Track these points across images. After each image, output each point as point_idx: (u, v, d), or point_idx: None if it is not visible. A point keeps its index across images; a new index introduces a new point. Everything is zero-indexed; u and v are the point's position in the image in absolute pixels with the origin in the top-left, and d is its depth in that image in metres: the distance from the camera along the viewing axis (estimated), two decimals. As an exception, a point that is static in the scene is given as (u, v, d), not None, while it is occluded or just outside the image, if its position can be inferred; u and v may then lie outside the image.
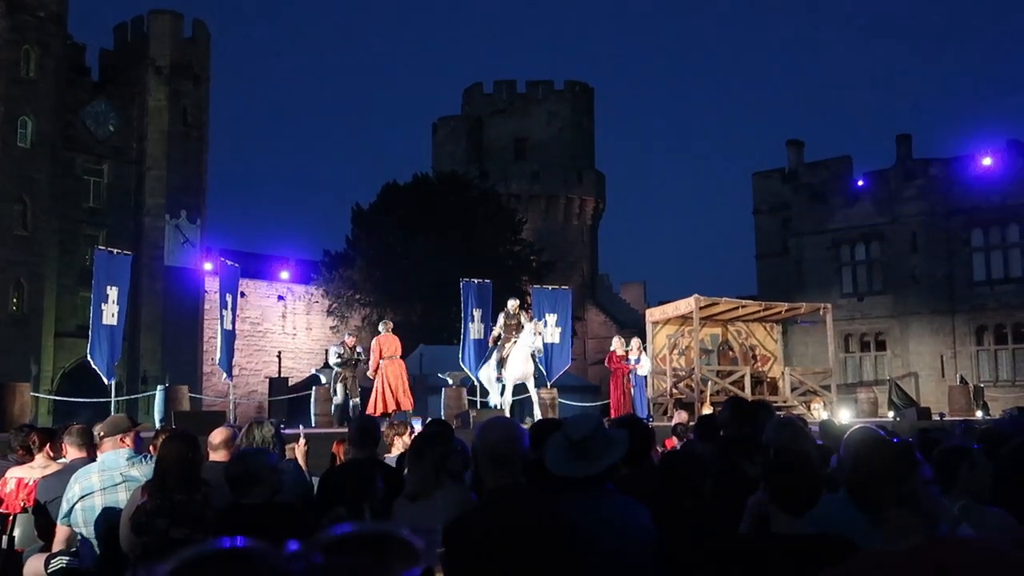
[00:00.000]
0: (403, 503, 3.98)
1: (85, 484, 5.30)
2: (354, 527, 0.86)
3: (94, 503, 5.24)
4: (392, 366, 16.61)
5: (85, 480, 5.32)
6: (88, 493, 5.26)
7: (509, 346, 17.56)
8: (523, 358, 17.31)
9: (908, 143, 39.00)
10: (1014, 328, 35.66)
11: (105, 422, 5.95)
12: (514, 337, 17.61)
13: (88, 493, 5.26)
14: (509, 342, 17.60)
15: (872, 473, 2.34)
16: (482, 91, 55.87)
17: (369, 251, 40.37)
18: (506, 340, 17.66)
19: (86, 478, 5.34)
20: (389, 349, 16.79)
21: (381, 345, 16.82)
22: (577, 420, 3.85)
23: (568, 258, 48.85)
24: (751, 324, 23.86)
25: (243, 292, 37.16)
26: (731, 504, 3.58)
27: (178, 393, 16.90)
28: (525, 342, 17.17)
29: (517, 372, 17.55)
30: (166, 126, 38.35)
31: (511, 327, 17.79)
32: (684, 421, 11.68)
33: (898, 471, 2.33)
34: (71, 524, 5.28)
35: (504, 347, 17.63)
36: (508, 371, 17.49)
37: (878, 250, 38.60)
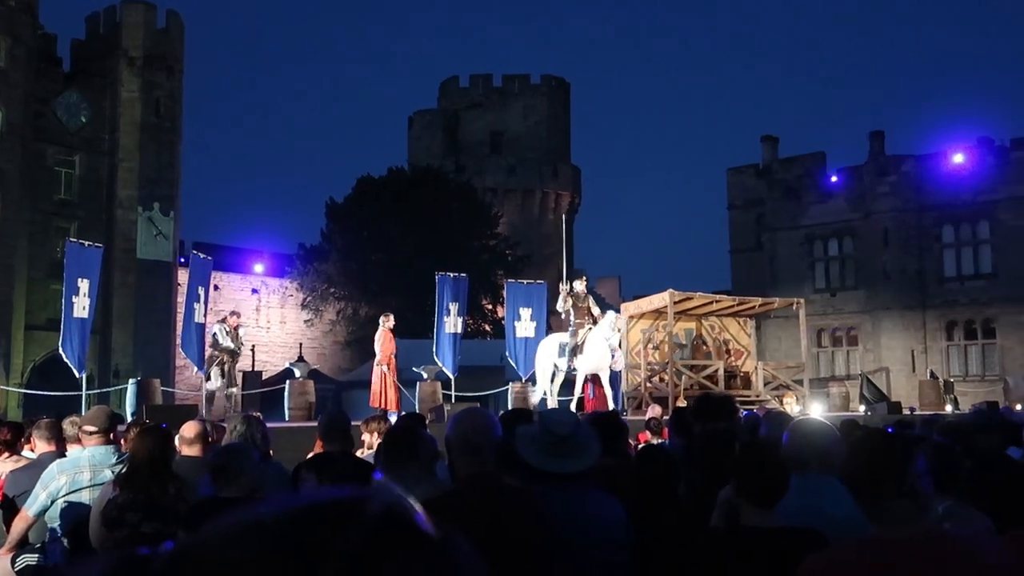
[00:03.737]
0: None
1: (75, 479, 5.19)
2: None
3: (81, 498, 5.16)
4: (394, 362, 16.66)
5: (76, 474, 5.21)
6: (77, 488, 5.18)
7: (584, 332, 16.98)
8: (603, 349, 16.74)
9: (881, 140, 39.33)
10: (984, 324, 36.08)
11: (90, 415, 5.83)
12: (587, 323, 16.99)
13: (77, 488, 5.18)
14: (583, 328, 17.04)
15: (876, 464, 2.38)
16: (458, 85, 55.77)
17: (344, 245, 40.25)
18: (579, 325, 17.02)
19: (76, 472, 5.22)
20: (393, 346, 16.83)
21: (392, 340, 16.78)
22: (557, 415, 3.84)
23: (544, 252, 48.91)
24: (725, 319, 23.98)
25: (216, 285, 36.94)
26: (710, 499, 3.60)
27: (150, 387, 16.75)
28: (604, 334, 16.63)
29: (593, 362, 17.01)
30: (139, 117, 37.95)
31: (582, 310, 17.13)
32: (658, 415, 11.72)
33: (900, 463, 2.38)
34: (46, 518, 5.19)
35: (578, 333, 17.06)
36: (584, 360, 16.95)
37: (851, 246, 38.93)
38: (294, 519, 0.76)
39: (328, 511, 0.77)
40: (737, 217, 44.39)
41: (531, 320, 19.53)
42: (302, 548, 0.73)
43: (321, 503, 0.78)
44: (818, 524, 3.10)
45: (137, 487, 4.36)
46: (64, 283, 15.70)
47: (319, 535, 0.74)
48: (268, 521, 0.76)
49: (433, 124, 54.65)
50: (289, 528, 0.75)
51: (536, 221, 51.87)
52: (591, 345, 16.68)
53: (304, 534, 0.74)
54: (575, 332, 16.92)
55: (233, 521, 0.76)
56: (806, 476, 3.40)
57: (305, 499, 0.79)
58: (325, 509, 0.77)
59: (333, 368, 40.46)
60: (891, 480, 2.34)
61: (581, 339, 16.82)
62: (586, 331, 16.82)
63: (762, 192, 41.68)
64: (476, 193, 44.41)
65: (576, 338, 16.87)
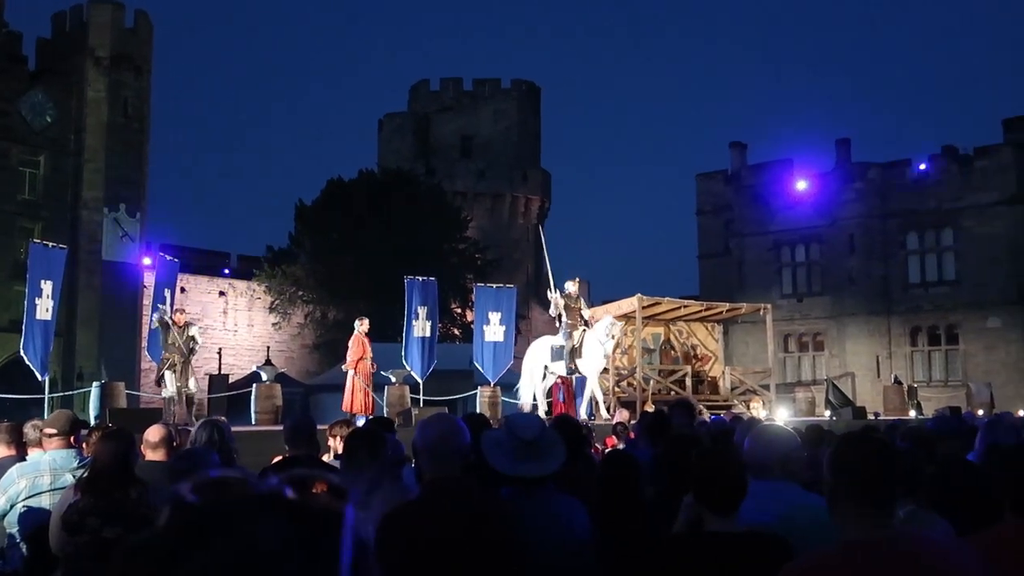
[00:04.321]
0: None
1: (35, 483, 5.13)
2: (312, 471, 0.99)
3: (42, 503, 5.09)
4: (366, 365, 16.57)
5: (36, 478, 5.15)
6: (37, 492, 5.11)
7: (579, 335, 16.88)
8: (599, 351, 16.72)
9: (847, 147, 39.74)
10: (947, 330, 36.53)
11: (52, 418, 5.77)
12: (580, 324, 16.98)
13: (37, 492, 5.11)
14: (577, 330, 16.91)
15: (859, 471, 2.41)
16: (428, 88, 55.70)
17: (313, 247, 40.06)
18: (572, 327, 16.90)
19: (36, 476, 5.16)
20: (369, 349, 16.74)
21: (364, 344, 16.69)
22: (524, 419, 3.84)
23: (513, 256, 48.93)
24: (692, 324, 24.14)
25: (183, 287, 36.56)
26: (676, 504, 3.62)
27: (114, 390, 16.56)
28: (599, 338, 16.63)
29: (594, 364, 16.91)
30: (105, 117, 37.55)
31: (574, 311, 17.10)
32: (625, 420, 11.77)
33: (884, 470, 2.41)
34: (5, 523, 5.13)
35: (573, 335, 16.97)
36: (585, 362, 16.86)
37: (817, 252, 39.27)
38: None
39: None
40: (705, 222, 44.66)
41: (500, 324, 19.51)
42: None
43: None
44: (779, 529, 3.13)
45: (98, 491, 4.30)
46: (27, 284, 15.49)
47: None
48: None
49: (403, 127, 54.53)
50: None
51: (506, 225, 51.92)
52: (589, 347, 16.68)
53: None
54: (570, 334, 16.86)
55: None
56: (767, 482, 3.43)
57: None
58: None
59: (301, 371, 40.23)
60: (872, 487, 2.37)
61: (578, 341, 16.79)
62: (581, 333, 16.79)
63: (730, 198, 41.97)
64: (446, 197, 44.38)
65: (572, 340, 16.83)
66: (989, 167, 35.78)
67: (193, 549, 0.83)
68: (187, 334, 14.70)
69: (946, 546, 2.46)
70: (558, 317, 17.31)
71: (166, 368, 14.55)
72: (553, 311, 17.45)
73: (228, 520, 0.85)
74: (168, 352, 14.59)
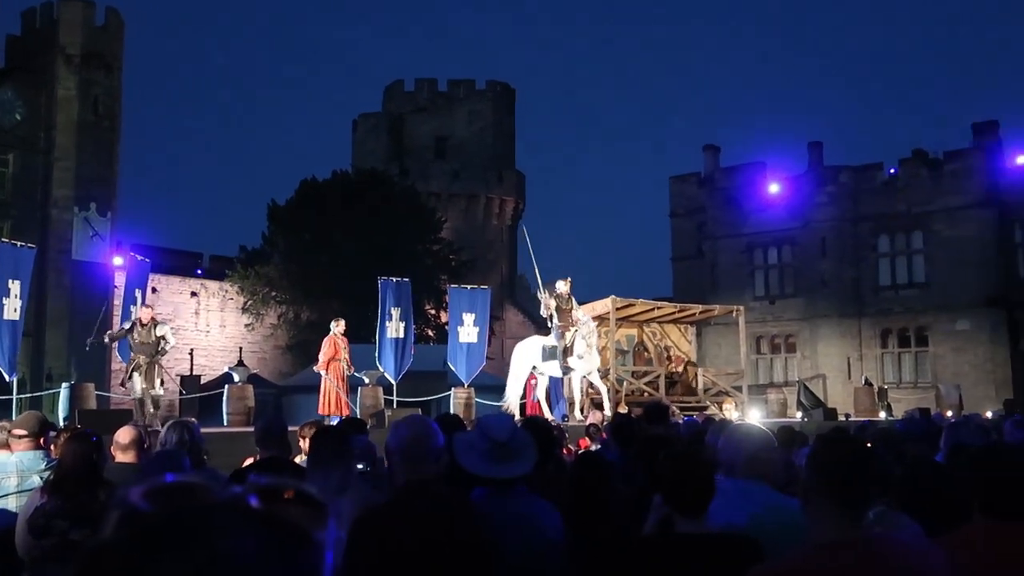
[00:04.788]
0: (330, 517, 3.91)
1: (1, 484, 5.08)
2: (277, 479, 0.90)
3: (8, 505, 5.03)
4: (339, 366, 16.45)
5: (2, 480, 5.10)
6: (3, 495, 5.05)
7: (571, 335, 16.82)
8: (587, 351, 16.68)
9: (819, 150, 40.02)
10: (917, 332, 36.89)
11: (20, 420, 5.71)
12: (572, 324, 16.99)
13: (3, 495, 5.05)
14: (569, 330, 16.83)
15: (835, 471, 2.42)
16: (403, 89, 55.57)
17: (286, 248, 39.86)
18: (564, 327, 16.81)
19: (3, 478, 5.11)
20: (344, 351, 16.60)
21: (337, 345, 16.56)
22: (496, 421, 3.84)
23: (487, 258, 48.91)
24: (666, 325, 24.24)
25: (154, 288, 36.29)
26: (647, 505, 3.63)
27: (84, 391, 16.38)
28: (585, 336, 16.62)
29: (584, 365, 16.87)
30: (76, 116, 37.18)
31: (566, 312, 17.05)
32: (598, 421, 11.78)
33: (862, 472, 2.42)
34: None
35: (565, 336, 16.87)
36: (575, 363, 16.86)
37: (789, 254, 39.55)
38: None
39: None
40: (679, 225, 44.84)
41: (474, 325, 19.51)
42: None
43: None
44: (749, 528, 3.15)
45: (65, 494, 4.25)
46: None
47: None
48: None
49: (378, 128, 54.38)
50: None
51: (480, 226, 51.90)
52: (580, 347, 16.68)
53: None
54: (562, 334, 16.84)
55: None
56: (737, 480, 3.45)
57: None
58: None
59: (274, 372, 40.01)
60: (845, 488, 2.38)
61: (570, 341, 16.78)
62: (573, 333, 16.79)
63: (704, 200, 42.17)
64: (420, 198, 44.27)
65: (564, 340, 16.80)
66: (959, 171, 36.17)
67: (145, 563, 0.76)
68: (155, 334, 14.24)
69: (915, 547, 2.48)
70: (549, 318, 17.30)
71: (132, 369, 14.19)
72: (544, 312, 17.45)
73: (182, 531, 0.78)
74: (134, 352, 14.25)
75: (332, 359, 16.48)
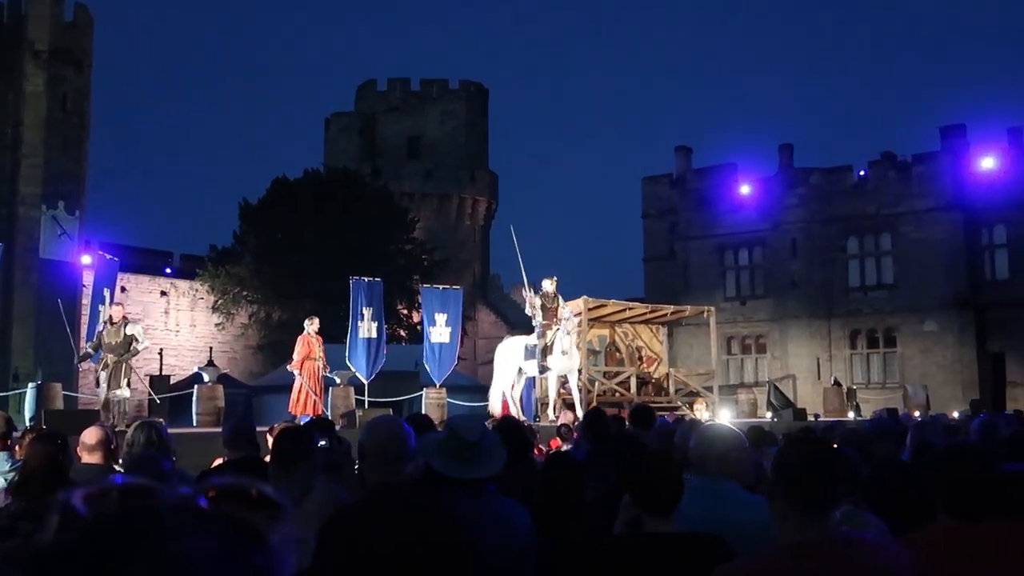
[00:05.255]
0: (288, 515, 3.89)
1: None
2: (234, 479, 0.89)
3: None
4: (314, 366, 16.33)
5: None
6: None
7: (552, 334, 16.65)
8: (571, 348, 16.56)
9: (790, 152, 40.32)
10: (885, 333, 37.26)
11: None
12: (555, 323, 16.81)
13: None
14: (551, 329, 16.67)
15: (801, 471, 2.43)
16: (376, 88, 55.38)
17: (257, 247, 39.60)
18: (546, 326, 16.68)
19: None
20: (319, 349, 16.48)
21: (311, 344, 16.43)
22: (467, 421, 3.84)
23: (460, 258, 48.86)
24: (638, 326, 24.33)
25: (123, 287, 35.92)
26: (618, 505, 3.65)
27: (51, 391, 16.22)
28: (569, 332, 16.48)
29: (565, 363, 16.77)
30: (44, 112, 36.73)
31: (551, 311, 16.88)
32: (570, 422, 11.81)
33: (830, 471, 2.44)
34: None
35: (546, 334, 16.77)
36: (554, 360, 16.73)
37: (760, 255, 39.81)
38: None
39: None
40: (651, 226, 45.00)
41: (446, 326, 19.50)
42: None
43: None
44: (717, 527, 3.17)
45: (30, 495, 4.21)
46: (-39, 283, 15.09)
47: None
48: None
49: (350, 127, 54.18)
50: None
51: (453, 226, 51.83)
52: (560, 346, 16.60)
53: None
54: (543, 333, 16.79)
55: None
56: (706, 478, 3.48)
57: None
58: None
59: (244, 372, 39.76)
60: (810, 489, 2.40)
61: (550, 340, 16.72)
62: (554, 332, 16.74)
63: (675, 201, 42.36)
64: (393, 197, 44.13)
65: (545, 339, 16.74)
66: (927, 174, 36.57)
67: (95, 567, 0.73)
68: (123, 332, 13.97)
69: (880, 547, 2.50)
70: (533, 316, 17.27)
71: (101, 369, 13.98)
72: (529, 310, 17.40)
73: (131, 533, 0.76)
74: (103, 352, 14.02)
75: (306, 358, 16.38)
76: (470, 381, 31.50)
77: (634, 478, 3.15)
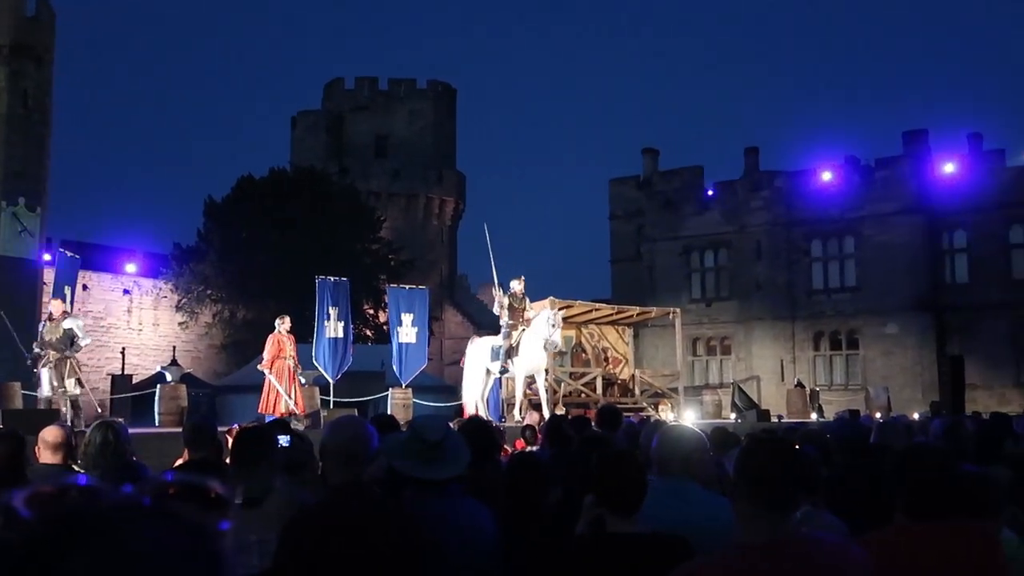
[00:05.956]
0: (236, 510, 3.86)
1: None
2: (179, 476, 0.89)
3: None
4: (285, 365, 16.13)
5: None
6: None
7: (518, 334, 16.62)
8: (537, 348, 16.38)
9: (756, 156, 40.65)
10: (848, 335, 37.66)
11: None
12: (521, 323, 16.74)
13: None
14: (517, 329, 16.63)
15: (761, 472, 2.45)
16: (343, 87, 55.11)
17: (222, 245, 39.24)
18: (512, 327, 16.65)
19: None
20: (290, 348, 16.29)
21: (281, 343, 16.24)
22: (429, 421, 3.83)
23: (427, 258, 48.76)
24: (604, 327, 24.42)
25: (85, 285, 35.51)
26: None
27: (10, 390, 15.99)
28: (540, 332, 16.49)
29: (530, 363, 16.61)
30: (4, 108, 36.15)
31: (518, 311, 16.91)
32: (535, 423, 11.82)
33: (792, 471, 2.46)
34: None
35: (512, 334, 16.73)
36: (520, 361, 16.59)
37: (725, 257, 40.10)
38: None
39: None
40: (618, 227, 45.16)
41: (412, 326, 19.46)
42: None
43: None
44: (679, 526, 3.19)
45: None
46: (-82, 280, 14.82)
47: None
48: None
49: (317, 125, 53.88)
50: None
51: (420, 226, 51.70)
52: (527, 346, 16.57)
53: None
54: (509, 333, 16.76)
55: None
56: (669, 480, 3.49)
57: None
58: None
59: (208, 372, 39.39)
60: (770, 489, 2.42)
61: (516, 340, 16.70)
62: (520, 332, 16.72)
63: (642, 203, 42.55)
64: (360, 197, 43.93)
65: (510, 339, 16.72)
66: (889, 178, 37.01)
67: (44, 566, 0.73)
68: (62, 328, 13.49)
69: (838, 547, 2.53)
70: (500, 316, 17.27)
71: (41, 366, 13.47)
72: (497, 310, 17.40)
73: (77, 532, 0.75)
74: (45, 349, 13.56)
75: (277, 357, 16.23)
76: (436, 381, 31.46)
77: (599, 478, 3.16)
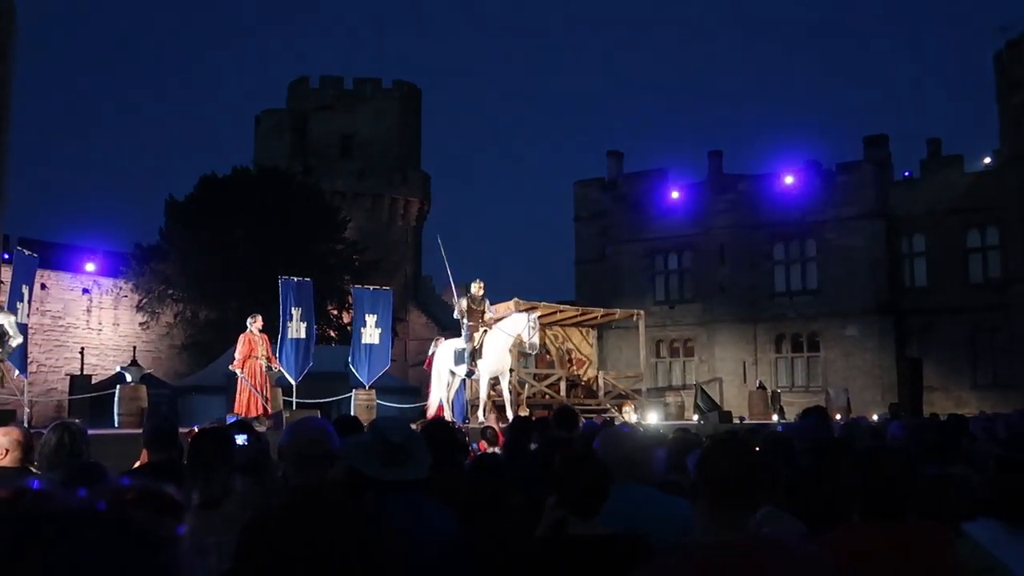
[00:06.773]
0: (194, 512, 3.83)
1: None
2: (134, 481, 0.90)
3: None
4: (256, 364, 15.97)
5: None
6: None
7: (480, 335, 16.70)
8: (502, 349, 16.42)
9: (719, 159, 40.97)
10: (809, 337, 38.06)
11: None
12: (481, 324, 16.75)
13: None
14: (478, 331, 16.70)
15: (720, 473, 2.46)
16: (308, 86, 54.76)
17: (184, 245, 38.82)
18: (473, 328, 16.68)
19: None
20: (261, 348, 16.12)
21: (253, 343, 16.07)
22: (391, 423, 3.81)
23: (392, 258, 48.58)
24: (568, 328, 24.48)
25: (43, 284, 35.00)
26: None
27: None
28: (513, 332, 16.27)
29: (495, 365, 16.64)
30: (-39, 103, 35.64)
31: (476, 313, 16.90)
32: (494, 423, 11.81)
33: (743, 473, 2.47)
34: None
35: (474, 337, 16.75)
36: (484, 363, 16.56)
37: (689, 260, 40.37)
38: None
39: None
40: (583, 229, 45.28)
41: (376, 327, 19.37)
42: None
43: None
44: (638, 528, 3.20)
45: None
46: None
47: None
48: None
49: (281, 125, 53.49)
50: None
51: (385, 227, 51.50)
52: (490, 347, 16.60)
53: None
54: (470, 336, 16.81)
55: None
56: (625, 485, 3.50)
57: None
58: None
59: (169, 372, 38.96)
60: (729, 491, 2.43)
61: (478, 342, 16.74)
62: (481, 334, 16.77)
63: (607, 205, 42.72)
64: (324, 197, 43.66)
65: (473, 342, 16.75)
66: (850, 182, 37.48)
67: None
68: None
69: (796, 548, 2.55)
70: (460, 319, 17.32)
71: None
72: (456, 314, 17.45)
73: (16, 544, 0.74)
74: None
75: (248, 357, 16.08)
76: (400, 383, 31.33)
77: (561, 479, 3.16)
